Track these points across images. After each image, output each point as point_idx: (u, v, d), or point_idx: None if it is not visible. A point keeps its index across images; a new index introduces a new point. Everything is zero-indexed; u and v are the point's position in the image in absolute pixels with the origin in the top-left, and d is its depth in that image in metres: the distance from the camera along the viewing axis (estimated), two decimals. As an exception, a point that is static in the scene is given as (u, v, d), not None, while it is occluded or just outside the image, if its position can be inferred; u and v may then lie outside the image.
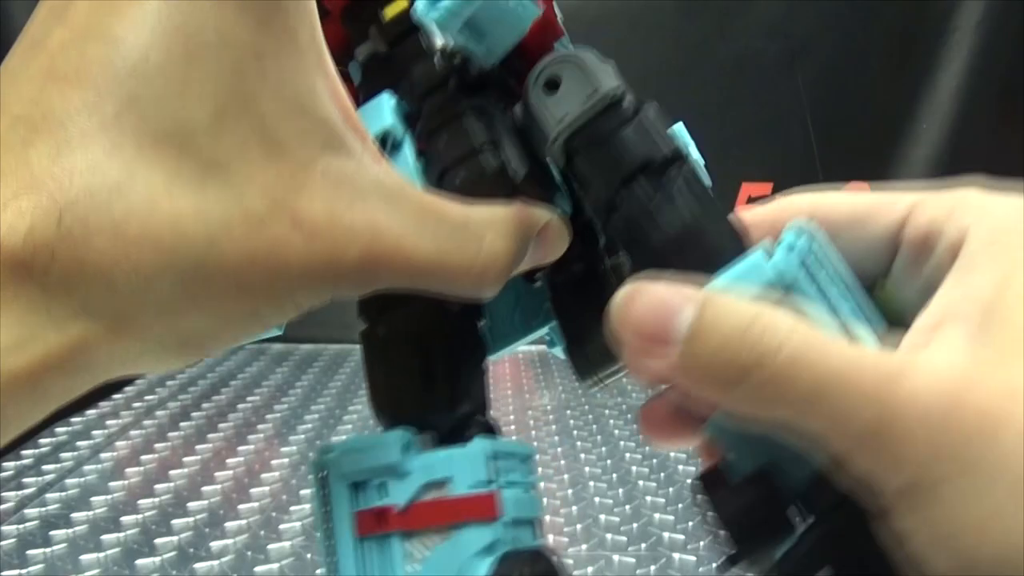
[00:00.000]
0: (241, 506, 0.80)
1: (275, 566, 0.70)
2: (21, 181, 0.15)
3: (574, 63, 0.22)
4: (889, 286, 0.22)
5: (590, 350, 0.25)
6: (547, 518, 0.79)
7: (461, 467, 0.20)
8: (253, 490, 0.83)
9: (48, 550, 0.71)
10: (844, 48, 1.19)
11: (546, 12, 0.23)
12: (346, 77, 0.25)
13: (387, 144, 0.22)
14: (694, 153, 0.24)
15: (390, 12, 0.24)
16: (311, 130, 0.17)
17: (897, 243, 0.21)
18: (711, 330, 0.18)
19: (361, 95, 0.24)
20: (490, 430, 0.23)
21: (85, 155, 0.15)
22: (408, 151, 0.22)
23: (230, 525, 0.76)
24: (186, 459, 0.92)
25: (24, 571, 0.67)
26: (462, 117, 0.22)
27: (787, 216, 0.22)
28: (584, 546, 0.74)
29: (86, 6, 0.16)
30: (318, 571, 0.68)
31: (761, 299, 0.18)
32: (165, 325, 0.16)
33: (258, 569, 0.69)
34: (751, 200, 1.24)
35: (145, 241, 0.15)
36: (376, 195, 0.17)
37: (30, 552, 0.70)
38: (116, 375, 0.16)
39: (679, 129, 0.24)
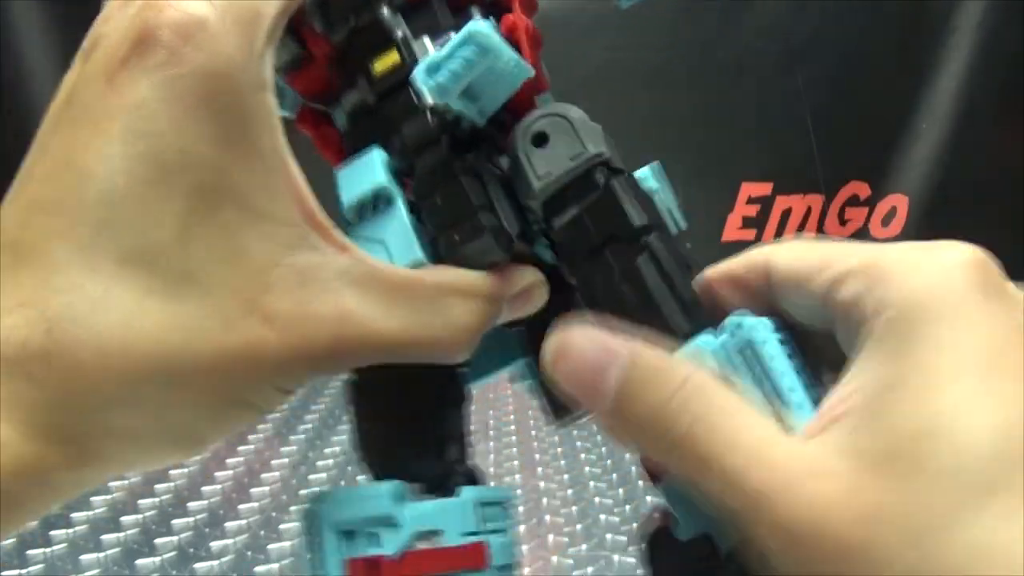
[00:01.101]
0: (241, 506, 0.80)
1: (275, 566, 0.70)
2: (14, 299, 0.17)
3: (565, 120, 0.22)
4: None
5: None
6: (547, 518, 0.79)
7: (452, 518, 0.21)
8: (253, 490, 0.84)
9: (48, 550, 0.71)
10: (844, 48, 1.19)
11: (534, 68, 0.23)
12: (327, 118, 0.25)
13: (379, 202, 0.22)
14: (666, 196, 0.24)
15: (380, 66, 0.23)
16: (273, 233, 0.18)
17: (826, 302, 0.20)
18: (641, 391, 0.18)
19: (347, 144, 0.24)
20: (473, 477, 0.24)
21: (67, 277, 0.17)
22: (402, 208, 0.22)
23: (230, 525, 0.76)
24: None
25: (24, 571, 0.67)
26: (458, 177, 0.22)
27: (748, 271, 0.21)
28: (584, 546, 0.74)
29: (61, 140, 0.18)
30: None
31: (693, 361, 0.19)
32: (156, 422, 0.18)
33: (258, 569, 0.70)
34: (751, 200, 1.24)
35: (126, 351, 0.17)
36: (341, 283, 0.18)
37: (30, 552, 0.70)
38: (126, 469, 0.19)
39: (652, 172, 0.24)
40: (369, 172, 0.22)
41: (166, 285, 0.17)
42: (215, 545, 0.73)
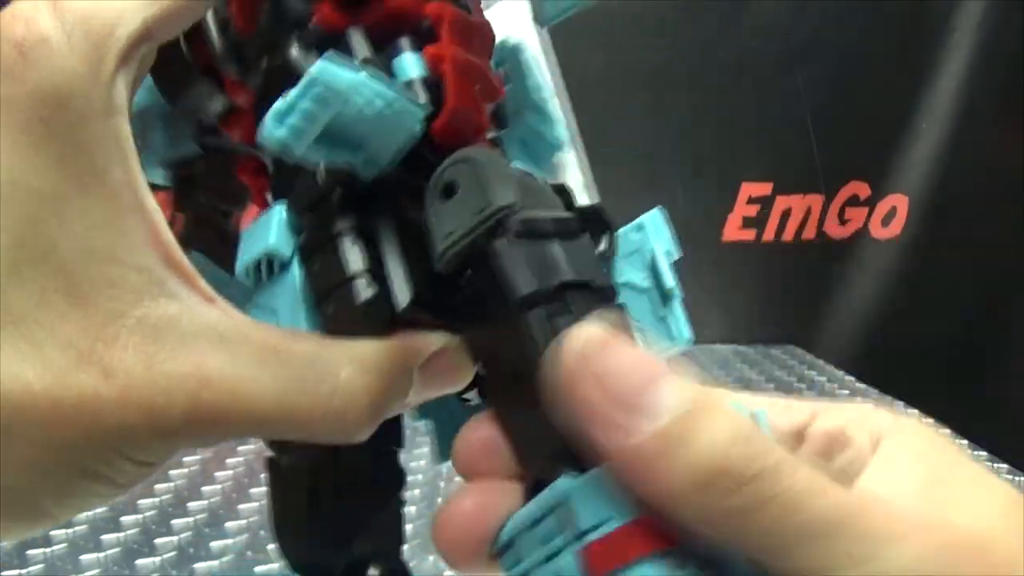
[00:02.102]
0: (241, 506, 0.80)
1: (275, 566, 0.70)
2: None
3: (471, 167, 0.19)
4: None
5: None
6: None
7: None
8: (253, 490, 0.83)
9: (48, 550, 0.71)
10: (844, 48, 1.19)
11: (456, 104, 0.20)
12: (265, 169, 0.23)
13: (273, 265, 0.20)
14: (649, 247, 0.21)
15: None
16: (122, 277, 0.16)
17: (798, 440, 0.20)
18: (711, 419, 0.15)
19: (272, 198, 0.22)
20: (397, 573, 0.22)
21: None
22: (294, 273, 0.20)
23: (230, 525, 0.76)
24: (186, 459, 0.92)
25: (24, 571, 0.67)
26: (336, 240, 0.19)
27: None
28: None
29: None
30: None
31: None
32: None
33: (258, 569, 0.69)
34: (751, 200, 1.24)
35: None
36: (204, 339, 0.16)
37: (30, 552, 0.70)
38: None
39: (647, 221, 0.22)
40: (265, 232, 0.20)
41: None
42: (215, 545, 0.73)
